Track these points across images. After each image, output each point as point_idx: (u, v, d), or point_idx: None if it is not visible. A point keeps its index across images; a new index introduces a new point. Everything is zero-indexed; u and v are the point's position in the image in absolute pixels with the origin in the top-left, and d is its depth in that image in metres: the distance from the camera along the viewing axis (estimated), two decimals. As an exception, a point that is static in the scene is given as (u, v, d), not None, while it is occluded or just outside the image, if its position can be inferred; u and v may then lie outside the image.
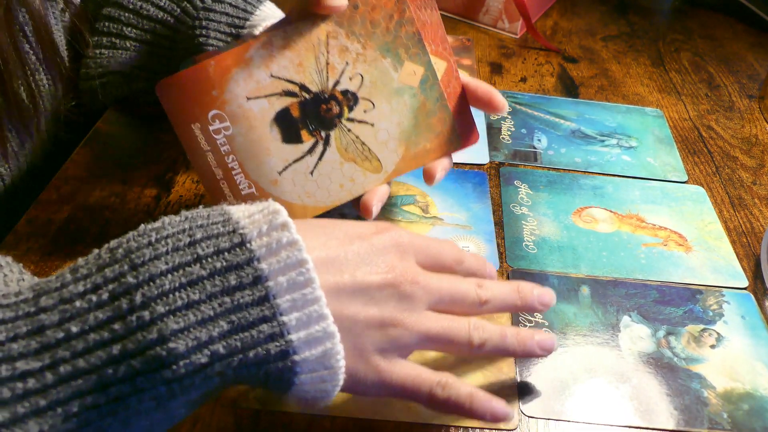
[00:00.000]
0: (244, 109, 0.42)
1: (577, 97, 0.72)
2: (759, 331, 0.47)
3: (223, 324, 0.28)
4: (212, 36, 0.52)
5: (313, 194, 0.45)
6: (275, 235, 0.29)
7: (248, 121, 0.42)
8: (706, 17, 0.94)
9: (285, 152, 0.43)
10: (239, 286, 0.28)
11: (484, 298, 0.37)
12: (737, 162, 0.64)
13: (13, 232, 0.48)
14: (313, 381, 0.30)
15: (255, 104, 0.42)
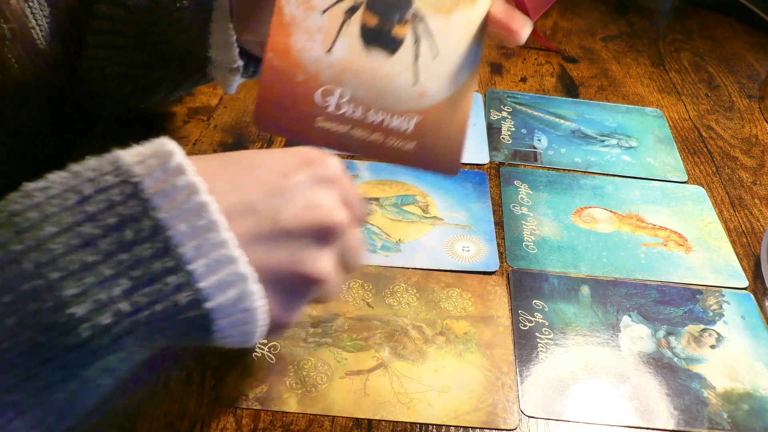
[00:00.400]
0: (335, 63, 0.37)
1: (577, 97, 0.73)
2: (759, 331, 0.47)
3: (125, 281, 0.26)
4: (187, 16, 0.47)
5: (457, 70, 0.38)
6: (171, 181, 0.27)
7: (348, 69, 0.37)
8: (706, 17, 0.94)
9: (402, 61, 0.38)
10: (137, 240, 0.26)
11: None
12: (737, 162, 0.64)
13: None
14: (233, 325, 0.29)
15: (338, 50, 0.37)
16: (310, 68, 0.36)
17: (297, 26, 0.36)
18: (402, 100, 0.38)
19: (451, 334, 0.44)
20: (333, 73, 0.37)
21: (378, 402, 0.40)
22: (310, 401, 0.40)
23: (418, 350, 0.43)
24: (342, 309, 0.45)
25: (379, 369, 0.42)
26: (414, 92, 0.38)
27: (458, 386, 0.41)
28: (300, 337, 0.43)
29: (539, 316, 0.46)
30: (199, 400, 0.39)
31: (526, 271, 0.50)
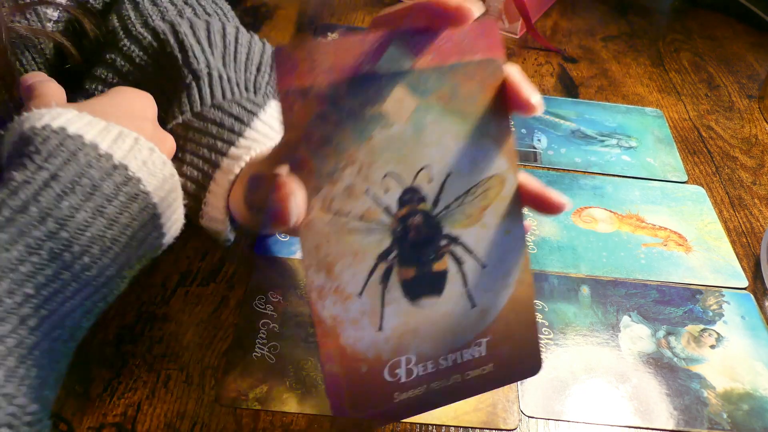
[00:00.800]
0: (390, 336, 0.34)
1: (577, 97, 0.73)
2: (759, 331, 0.47)
3: (134, 244, 0.35)
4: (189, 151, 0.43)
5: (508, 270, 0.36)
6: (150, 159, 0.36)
7: (405, 334, 0.34)
8: (706, 17, 0.94)
9: (452, 293, 0.35)
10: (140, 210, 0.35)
11: None
12: (737, 162, 0.64)
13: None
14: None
15: (388, 321, 0.34)
16: (370, 354, 0.34)
17: (341, 324, 0.33)
18: (467, 331, 0.35)
19: (451, 334, 0.44)
20: (392, 346, 0.34)
21: (378, 402, 0.40)
22: (310, 401, 0.40)
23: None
24: (342, 309, 0.45)
25: (379, 369, 0.42)
26: (475, 316, 0.35)
27: (458, 386, 0.41)
28: (300, 337, 0.43)
29: (539, 316, 0.46)
30: (199, 400, 0.39)
31: (526, 271, 0.50)
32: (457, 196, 0.34)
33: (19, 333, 0.30)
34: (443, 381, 0.35)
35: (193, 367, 0.41)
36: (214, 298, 0.45)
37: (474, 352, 0.35)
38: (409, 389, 0.34)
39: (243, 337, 0.43)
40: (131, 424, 0.38)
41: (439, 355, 0.35)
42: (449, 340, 0.35)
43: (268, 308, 0.45)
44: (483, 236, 0.35)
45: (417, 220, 0.34)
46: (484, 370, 0.36)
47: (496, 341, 0.36)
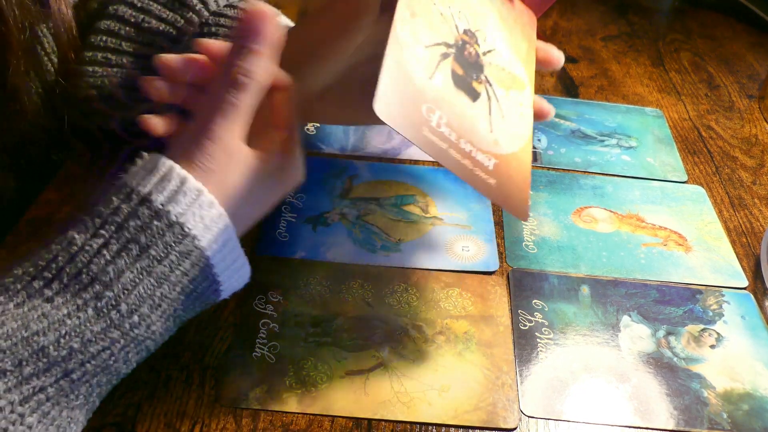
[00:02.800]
0: (436, 89, 0.39)
1: (577, 97, 0.73)
2: (759, 331, 0.47)
3: (183, 298, 0.34)
4: (222, 34, 0.48)
5: (517, 135, 0.43)
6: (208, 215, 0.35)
7: (445, 100, 0.39)
8: (706, 17, 0.94)
9: (480, 110, 0.41)
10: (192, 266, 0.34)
11: None
12: (737, 162, 0.64)
13: (13, 232, 0.48)
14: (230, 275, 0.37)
15: (437, 80, 0.40)
16: (418, 84, 0.38)
17: (407, 47, 0.38)
18: (483, 141, 0.41)
19: (451, 334, 0.44)
20: (434, 96, 0.39)
21: (378, 401, 0.40)
22: (310, 401, 0.40)
23: (418, 350, 0.43)
24: (342, 308, 0.45)
25: (379, 368, 0.42)
26: (491, 138, 0.41)
27: (458, 386, 0.41)
28: (300, 337, 0.43)
29: (539, 315, 0.46)
30: (199, 400, 0.39)
31: (526, 271, 0.50)
32: (497, 63, 0.44)
33: (60, 384, 0.31)
34: (459, 155, 0.39)
35: (193, 367, 0.41)
36: (214, 298, 0.45)
37: (485, 161, 0.40)
38: (435, 134, 0.38)
39: (243, 337, 0.43)
40: (131, 424, 0.38)
41: (462, 135, 0.40)
42: (471, 134, 0.40)
43: (268, 308, 0.45)
44: (506, 101, 0.44)
45: (472, 49, 0.43)
46: (488, 178, 0.40)
47: (502, 168, 0.41)
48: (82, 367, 0.31)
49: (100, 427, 0.38)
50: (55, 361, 0.31)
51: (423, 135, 0.37)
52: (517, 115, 0.44)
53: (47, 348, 0.30)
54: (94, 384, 0.32)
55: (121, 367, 0.33)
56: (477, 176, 0.40)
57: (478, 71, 0.42)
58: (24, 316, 0.31)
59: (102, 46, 0.51)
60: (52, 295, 0.31)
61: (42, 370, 0.30)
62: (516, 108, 0.44)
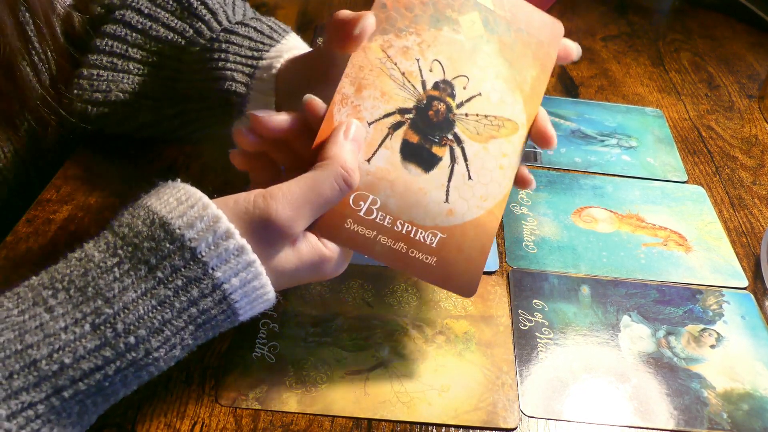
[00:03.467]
0: (373, 172, 0.39)
1: (577, 97, 0.73)
2: (759, 331, 0.47)
3: (192, 327, 0.33)
4: (231, 60, 0.47)
5: (487, 195, 0.41)
6: (223, 245, 0.33)
7: (384, 180, 0.39)
8: (706, 17, 0.94)
9: (435, 179, 0.40)
10: (201, 295, 0.33)
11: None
12: (737, 162, 0.64)
13: (13, 232, 0.48)
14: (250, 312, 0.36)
15: (378, 160, 0.39)
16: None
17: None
18: (429, 216, 0.40)
19: (451, 334, 0.44)
20: (369, 180, 0.39)
21: (378, 401, 0.40)
22: (310, 401, 0.40)
23: (418, 350, 0.43)
24: (342, 308, 0.45)
25: (379, 368, 0.42)
26: (443, 210, 0.40)
27: (458, 386, 0.41)
28: (300, 337, 0.43)
29: (539, 315, 0.46)
30: (199, 400, 0.39)
31: (526, 271, 0.50)
32: (477, 114, 0.41)
33: (51, 402, 0.30)
34: (390, 240, 0.39)
35: (193, 367, 0.41)
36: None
37: (426, 238, 0.39)
38: (360, 224, 0.38)
39: (243, 337, 0.43)
40: (131, 424, 0.38)
41: (399, 216, 0.39)
42: (413, 212, 0.39)
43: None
44: (481, 156, 0.41)
45: (441, 106, 0.41)
46: (426, 258, 0.39)
47: (449, 244, 0.40)
48: (74, 385, 0.30)
49: (100, 427, 0.38)
50: (46, 376, 0.30)
51: (344, 228, 0.38)
52: (493, 169, 0.41)
53: (39, 362, 0.30)
54: (89, 404, 0.31)
55: (119, 389, 0.32)
56: (410, 258, 0.39)
57: (444, 131, 0.40)
58: (22, 325, 0.30)
59: (108, 51, 0.51)
60: (55, 305, 0.31)
61: (32, 384, 0.29)
62: (494, 161, 0.41)
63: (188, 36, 0.50)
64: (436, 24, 0.41)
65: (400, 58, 0.40)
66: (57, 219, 0.50)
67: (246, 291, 0.34)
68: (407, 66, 0.40)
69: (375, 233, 0.38)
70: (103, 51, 0.51)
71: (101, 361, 0.31)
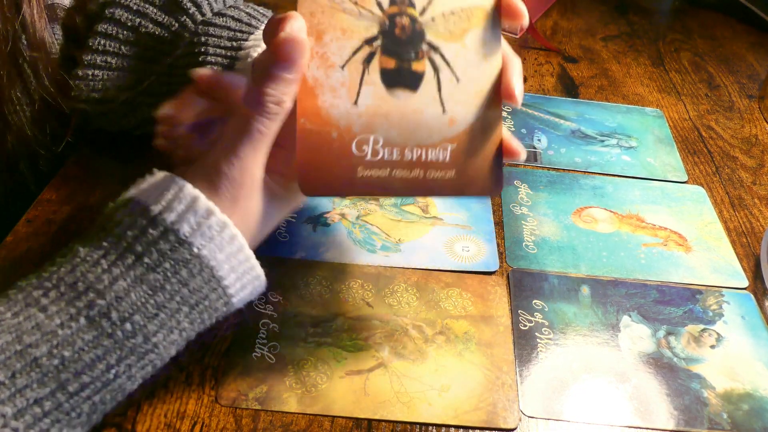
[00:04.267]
0: (364, 112, 0.37)
1: (577, 97, 0.73)
2: (759, 331, 0.47)
3: (186, 309, 0.34)
4: (211, 52, 0.48)
5: (480, 89, 0.39)
6: (206, 224, 0.34)
7: (377, 115, 0.37)
8: (706, 17, 0.94)
9: (426, 95, 0.38)
10: (191, 275, 0.34)
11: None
12: (737, 162, 0.64)
13: (13, 232, 0.48)
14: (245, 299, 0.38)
15: (364, 99, 0.37)
16: (342, 123, 0.37)
17: (321, 87, 0.37)
18: (434, 132, 0.38)
19: (451, 334, 0.44)
20: (363, 122, 0.37)
21: (378, 402, 0.40)
22: (310, 401, 0.40)
23: (418, 350, 0.43)
24: (342, 309, 0.45)
25: (379, 368, 0.42)
26: (444, 121, 0.39)
27: (458, 386, 0.41)
28: (300, 337, 0.43)
29: (539, 316, 0.46)
30: (199, 400, 0.39)
31: (526, 271, 0.50)
32: (443, 13, 0.38)
33: (57, 397, 0.30)
34: (405, 171, 0.38)
35: (193, 367, 0.41)
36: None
37: (439, 155, 0.38)
38: (372, 168, 0.37)
39: (243, 337, 0.43)
40: (131, 424, 0.38)
41: (405, 145, 0.38)
42: (417, 135, 0.38)
43: (268, 308, 0.45)
44: (462, 54, 0.39)
45: (404, 20, 0.38)
46: (445, 174, 0.38)
47: (461, 151, 0.39)
48: (78, 378, 0.31)
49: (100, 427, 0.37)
50: (48, 371, 0.30)
51: (358, 179, 0.37)
52: (478, 63, 0.39)
53: (40, 359, 0.30)
54: (97, 401, 0.32)
55: (125, 383, 0.33)
56: (430, 181, 0.38)
57: (417, 43, 0.38)
58: (18, 327, 0.31)
59: (101, 50, 0.51)
60: (48, 304, 0.31)
61: (36, 381, 0.30)
62: (476, 54, 0.39)
63: (175, 30, 0.50)
64: None
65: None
66: (57, 219, 0.50)
67: (233, 266, 0.35)
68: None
69: (389, 170, 0.38)
70: (96, 50, 0.51)
71: (101, 351, 0.31)
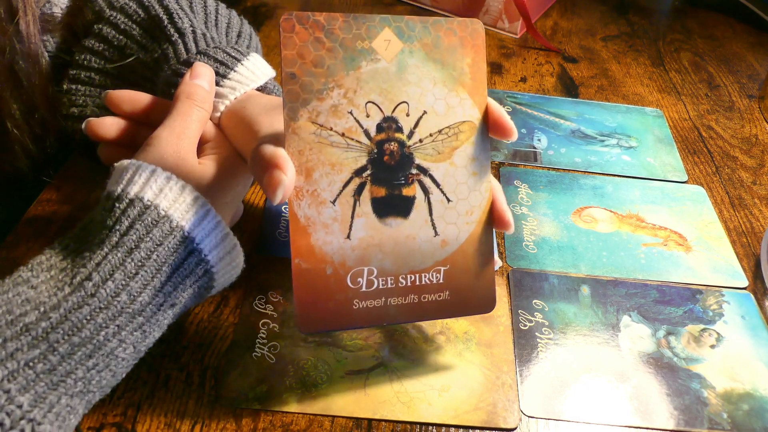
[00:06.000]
0: (357, 246, 0.38)
1: (577, 97, 0.73)
2: (759, 331, 0.47)
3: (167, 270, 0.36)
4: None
5: (471, 208, 0.40)
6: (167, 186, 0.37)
7: (371, 246, 0.38)
8: (706, 17, 0.94)
9: (418, 219, 0.39)
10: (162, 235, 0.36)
11: None
12: (737, 162, 0.64)
13: (13, 232, 0.48)
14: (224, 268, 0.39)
15: (357, 232, 0.38)
16: (336, 258, 0.37)
17: (314, 225, 0.37)
18: (427, 256, 0.39)
19: (451, 334, 0.44)
20: (357, 255, 0.38)
21: (378, 401, 0.40)
22: (310, 401, 0.40)
23: (418, 349, 0.43)
24: (342, 309, 0.45)
25: (379, 368, 0.42)
26: (436, 244, 0.39)
27: (458, 385, 0.41)
28: (300, 337, 0.43)
29: (539, 315, 0.46)
30: (199, 400, 0.39)
31: (526, 271, 0.50)
32: (431, 133, 0.39)
33: (48, 359, 0.31)
34: (400, 298, 0.39)
35: (193, 367, 0.41)
36: (214, 298, 0.45)
37: (432, 278, 0.39)
38: (368, 299, 0.38)
39: (243, 337, 0.43)
40: (131, 424, 0.38)
41: (399, 273, 0.38)
42: (410, 261, 0.39)
43: (268, 308, 0.45)
44: (451, 173, 0.39)
45: (392, 146, 0.38)
46: (440, 296, 0.39)
47: (454, 272, 0.39)
48: (68, 339, 0.32)
49: (100, 427, 0.38)
50: (38, 334, 0.31)
51: (354, 311, 0.38)
52: (467, 180, 0.40)
53: (30, 325, 0.31)
54: (91, 366, 0.32)
55: (117, 347, 0.33)
56: (425, 304, 0.39)
57: (406, 168, 0.38)
58: (8, 301, 0.32)
59: (86, 65, 0.51)
60: (38, 283, 0.33)
61: (26, 344, 0.31)
62: (465, 171, 0.40)
63: (157, 57, 0.49)
64: (351, 64, 0.37)
65: (332, 120, 0.37)
66: (57, 219, 0.50)
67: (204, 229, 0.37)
68: (343, 125, 0.37)
69: (384, 299, 0.38)
70: (81, 65, 0.51)
71: (87, 311, 0.32)
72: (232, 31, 0.54)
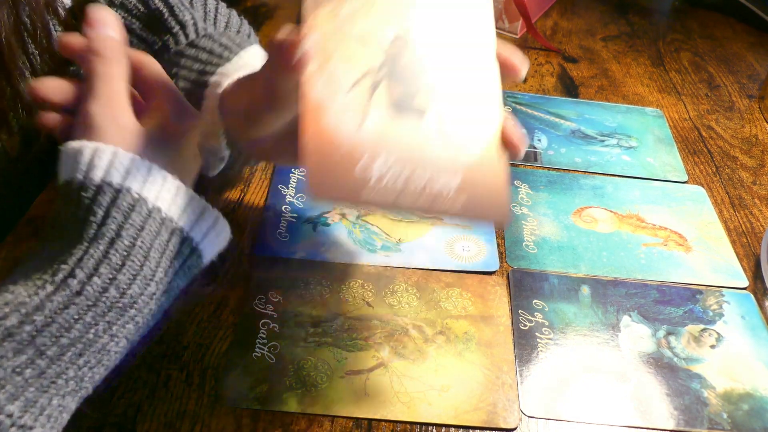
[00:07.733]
0: (371, 136, 0.36)
1: (577, 97, 0.73)
2: (759, 331, 0.47)
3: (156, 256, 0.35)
4: (181, 86, 0.47)
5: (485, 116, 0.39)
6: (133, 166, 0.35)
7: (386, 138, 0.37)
8: (706, 17, 0.94)
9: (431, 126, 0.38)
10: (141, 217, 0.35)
11: None
12: (737, 162, 0.64)
13: (13, 232, 0.48)
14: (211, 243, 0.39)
15: (371, 121, 0.37)
16: (345, 145, 0.36)
17: (326, 108, 0.36)
18: (441, 162, 0.38)
19: (452, 334, 0.44)
20: (370, 144, 0.37)
21: (378, 401, 0.40)
22: (310, 401, 0.40)
23: (418, 350, 0.43)
24: (342, 309, 0.45)
25: (379, 368, 0.42)
26: (449, 153, 0.38)
27: (458, 386, 0.41)
28: (300, 337, 0.43)
29: (539, 315, 0.46)
30: (199, 400, 0.39)
31: (526, 271, 0.50)
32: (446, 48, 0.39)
33: (37, 363, 0.30)
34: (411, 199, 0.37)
35: (193, 367, 0.41)
36: (214, 298, 0.45)
37: (449, 180, 0.38)
38: (376, 193, 0.36)
39: (243, 337, 0.43)
40: (131, 424, 0.38)
41: (415, 167, 0.37)
42: (422, 164, 0.37)
43: (268, 308, 0.45)
44: (459, 99, 0.39)
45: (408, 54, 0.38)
46: (453, 204, 0.38)
47: (468, 183, 0.38)
48: (56, 341, 0.30)
49: (100, 427, 0.38)
50: (23, 340, 0.30)
51: (362, 200, 0.36)
52: (480, 84, 0.40)
53: (12, 329, 0.30)
54: (82, 364, 0.31)
55: (108, 343, 0.32)
56: (440, 205, 0.38)
57: (420, 78, 0.39)
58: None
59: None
60: (15, 288, 0.32)
61: (11, 350, 0.30)
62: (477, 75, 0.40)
63: (157, 49, 0.49)
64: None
65: (353, 20, 0.38)
66: (57, 219, 0.50)
67: (179, 205, 0.36)
68: (363, 26, 0.38)
69: (394, 197, 0.37)
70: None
71: (74, 311, 0.31)
72: (232, 29, 0.54)
